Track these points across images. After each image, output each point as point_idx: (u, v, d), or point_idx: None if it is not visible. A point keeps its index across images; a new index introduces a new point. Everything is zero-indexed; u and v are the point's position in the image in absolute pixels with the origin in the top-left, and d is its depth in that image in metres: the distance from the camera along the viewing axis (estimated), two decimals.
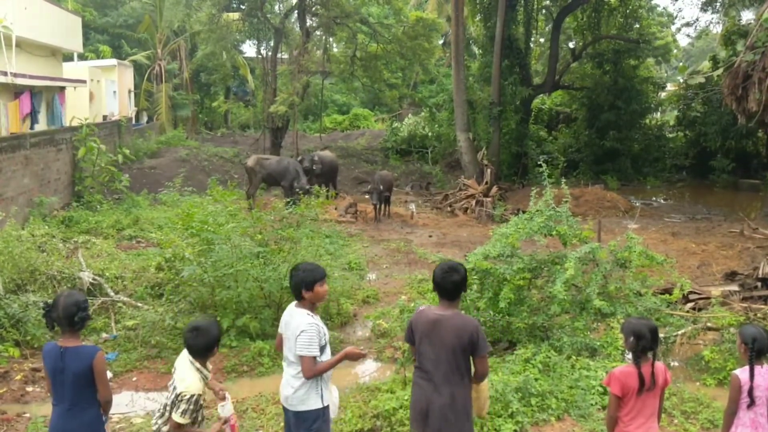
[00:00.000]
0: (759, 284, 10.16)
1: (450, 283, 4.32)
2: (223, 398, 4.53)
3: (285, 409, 4.72)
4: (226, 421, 4.51)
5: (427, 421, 4.30)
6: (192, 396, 4.25)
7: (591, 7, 27.51)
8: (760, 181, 24.74)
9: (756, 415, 4.40)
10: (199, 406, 4.34)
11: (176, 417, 4.22)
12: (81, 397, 4.29)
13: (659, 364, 4.32)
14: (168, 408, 4.37)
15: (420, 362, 4.41)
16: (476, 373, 4.36)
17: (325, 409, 4.61)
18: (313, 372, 4.44)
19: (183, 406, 4.22)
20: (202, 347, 4.37)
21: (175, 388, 4.33)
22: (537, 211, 8.27)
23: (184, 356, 4.44)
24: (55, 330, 4.41)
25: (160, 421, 4.44)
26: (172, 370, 4.56)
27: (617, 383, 4.24)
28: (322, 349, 4.53)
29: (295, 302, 4.72)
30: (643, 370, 4.21)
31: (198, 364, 4.38)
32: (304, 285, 4.56)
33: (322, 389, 4.58)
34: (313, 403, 4.55)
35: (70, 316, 4.28)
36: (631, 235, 8.19)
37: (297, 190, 16.77)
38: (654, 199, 23.75)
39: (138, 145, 26.57)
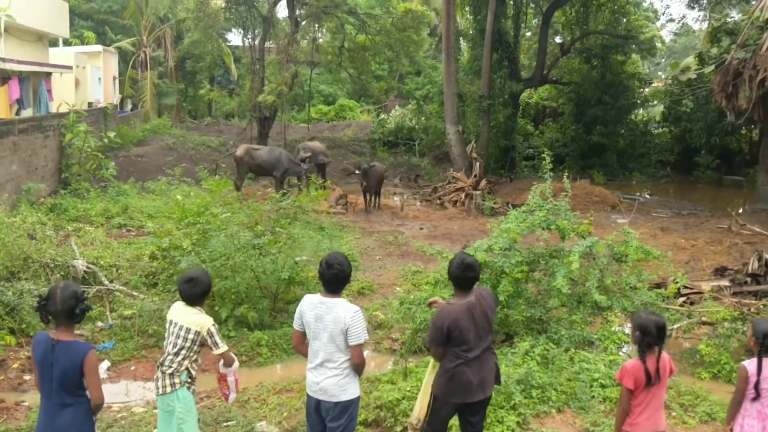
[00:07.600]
0: (749, 279, 10.32)
1: (468, 279, 4.75)
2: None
3: (319, 402, 4.64)
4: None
5: (486, 384, 4.76)
6: (214, 325, 4.82)
7: (579, 2, 27.58)
8: (743, 177, 25.10)
9: (763, 407, 4.51)
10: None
11: (221, 348, 4.81)
12: (69, 394, 4.06)
13: (664, 355, 4.39)
14: (183, 348, 4.75)
15: (462, 351, 4.65)
16: None
17: (359, 397, 4.79)
18: (364, 357, 4.62)
19: (217, 337, 4.79)
20: (199, 294, 4.85)
21: (188, 331, 4.75)
22: (536, 204, 8.32)
23: (181, 308, 4.87)
24: (49, 322, 4.17)
25: (170, 365, 4.79)
26: (169, 324, 4.87)
27: (630, 377, 4.30)
28: None
29: (322, 293, 4.64)
30: (648, 365, 4.26)
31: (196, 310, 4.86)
32: (348, 277, 4.68)
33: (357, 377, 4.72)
34: (354, 391, 4.64)
35: (69, 309, 4.05)
36: (627, 230, 8.27)
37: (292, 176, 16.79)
38: (638, 194, 23.94)
39: (125, 132, 26.29)
